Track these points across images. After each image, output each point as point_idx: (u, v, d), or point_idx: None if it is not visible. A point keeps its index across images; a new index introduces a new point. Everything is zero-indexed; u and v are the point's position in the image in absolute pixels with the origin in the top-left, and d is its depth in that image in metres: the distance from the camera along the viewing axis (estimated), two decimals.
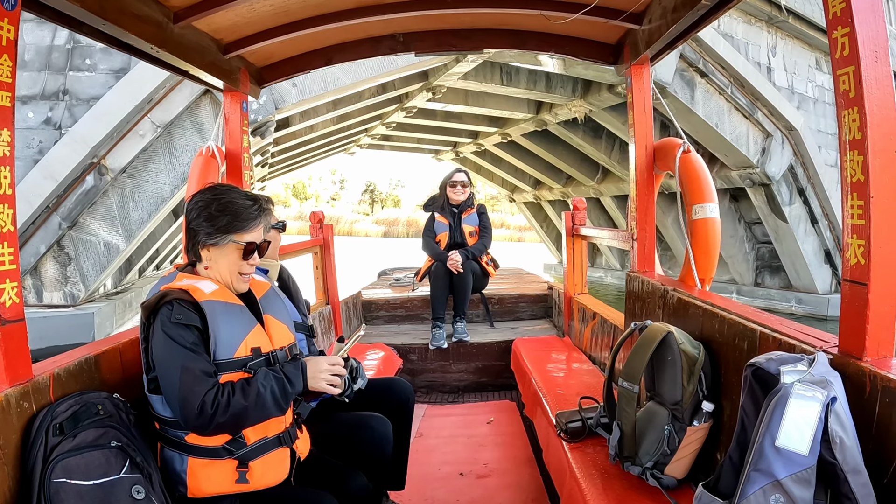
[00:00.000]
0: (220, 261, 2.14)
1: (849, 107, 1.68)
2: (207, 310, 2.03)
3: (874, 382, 1.60)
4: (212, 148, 3.79)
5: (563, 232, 5.45)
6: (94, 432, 1.84)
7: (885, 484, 1.54)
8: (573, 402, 3.21)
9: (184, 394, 1.91)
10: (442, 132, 22.72)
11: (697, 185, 3.39)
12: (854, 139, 1.67)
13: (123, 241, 10.75)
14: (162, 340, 1.96)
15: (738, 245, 17.40)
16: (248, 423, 2.02)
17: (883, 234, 1.64)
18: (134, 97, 10.24)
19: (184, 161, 10.72)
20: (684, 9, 2.76)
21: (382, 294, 6.70)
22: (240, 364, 2.07)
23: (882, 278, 1.66)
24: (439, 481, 3.73)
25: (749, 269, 17.67)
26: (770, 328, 2.09)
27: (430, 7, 3.32)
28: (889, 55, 1.68)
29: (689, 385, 2.33)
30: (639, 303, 3.41)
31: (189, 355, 1.95)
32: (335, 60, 4.00)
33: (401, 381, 3.28)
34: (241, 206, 2.14)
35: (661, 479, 2.36)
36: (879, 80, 1.65)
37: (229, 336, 2.06)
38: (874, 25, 1.66)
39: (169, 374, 1.94)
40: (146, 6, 2.71)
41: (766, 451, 1.58)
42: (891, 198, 1.65)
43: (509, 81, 15.39)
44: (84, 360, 2.07)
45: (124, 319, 12.45)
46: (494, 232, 7.40)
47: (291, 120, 13.62)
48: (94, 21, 2.39)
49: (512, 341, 5.35)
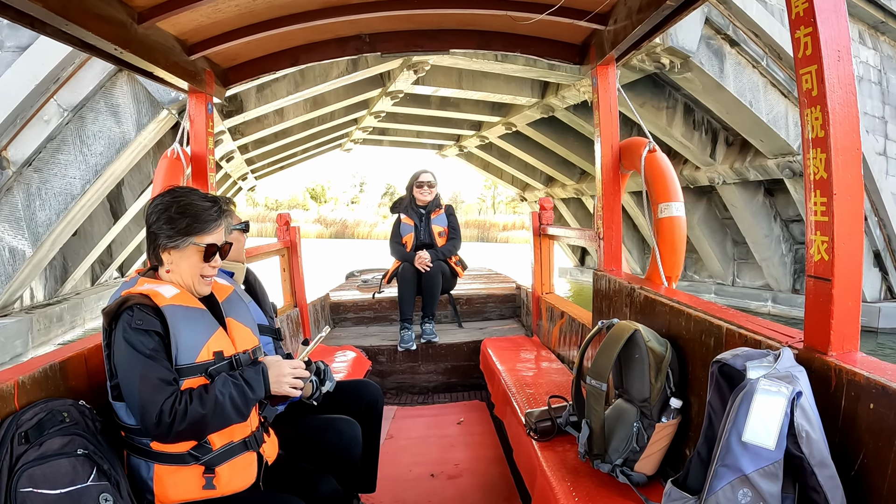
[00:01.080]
0: (181, 263, 2.12)
1: (811, 105, 1.70)
2: (168, 314, 2.01)
3: (839, 376, 1.62)
4: (177, 150, 3.74)
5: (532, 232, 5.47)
6: (61, 440, 1.80)
7: (853, 476, 1.57)
8: (542, 400, 3.23)
9: (143, 402, 1.89)
10: (441, 123, 19.96)
11: (663, 184, 3.42)
12: (817, 137, 1.70)
13: (30, 245, 9.36)
14: (122, 347, 1.94)
15: (774, 246, 15.08)
16: (210, 430, 2.00)
17: (846, 230, 1.67)
18: (35, 76, 8.68)
19: (96, 150, 9.36)
20: (649, 9, 2.79)
21: (350, 296, 6.66)
22: (202, 369, 2.05)
23: (845, 274, 1.68)
24: (410, 482, 3.72)
25: (786, 273, 15.26)
26: (736, 324, 2.12)
27: (396, 7, 3.31)
28: (851, 55, 1.71)
29: (657, 382, 2.35)
30: (606, 301, 3.43)
31: (148, 363, 1.92)
32: (301, 61, 3.97)
33: (369, 383, 3.27)
34: (200, 208, 2.12)
35: (631, 475, 2.38)
36: (842, 79, 1.68)
37: (190, 341, 2.04)
38: (837, 25, 1.68)
39: (129, 382, 1.93)
40: (110, 6, 2.66)
41: (732, 446, 1.59)
42: (853, 195, 1.68)
43: (504, 58, 13.04)
44: (49, 367, 2.03)
45: (50, 335, 11.32)
46: (520, 234, 7.25)
47: (246, 103, 12.05)
48: (56, 21, 2.35)
49: (481, 341, 5.36)
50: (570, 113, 15.57)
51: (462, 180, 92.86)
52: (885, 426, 1.48)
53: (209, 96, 3.79)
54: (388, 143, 23.28)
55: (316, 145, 20.62)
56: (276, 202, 75.01)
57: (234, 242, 2.78)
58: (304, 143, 19.14)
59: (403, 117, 19.16)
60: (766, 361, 1.69)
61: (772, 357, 1.70)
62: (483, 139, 20.48)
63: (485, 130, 19.64)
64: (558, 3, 3.12)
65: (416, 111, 17.71)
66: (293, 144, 18.81)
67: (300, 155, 21.20)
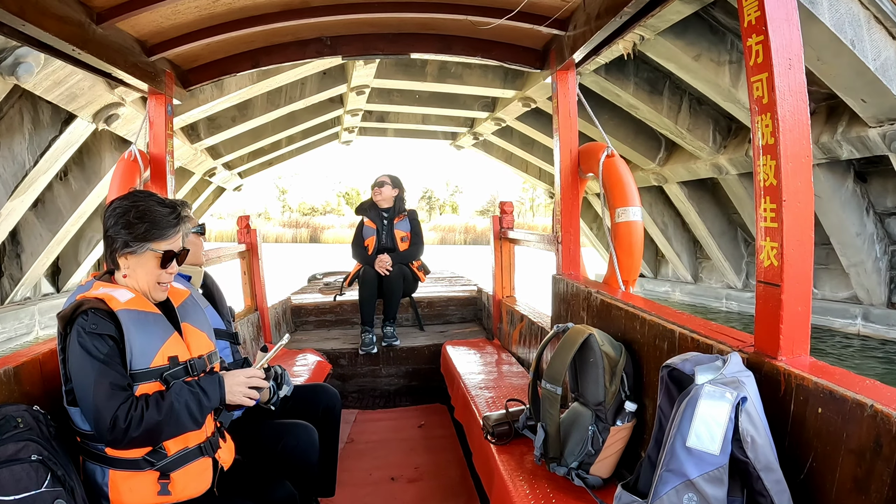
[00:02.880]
0: (138, 269, 2.09)
1: (762, 112, 1.73)
2: (123, 319, 1.98)
3: (788, 381, 1.65)
4: (134, 152, 3.68)
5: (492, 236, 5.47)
6: (14, 446, 1.76)
7: (802, 479, 1.59)
8: (502, 404, 3.23)
9: (97, 407, 1.87)
10: (446, 102, 15.47)
11: (620, 189, 3.45)
12: (767, 144, 1.72)
13: None
14: (77, 352, 1.92)
15: (867, 248, 10.97)
16: (164, 438, 1.98)
17: (795, 236, 1.70)
18: None
19: None
20: (608, 15, 2.82)
21: (312, 299, 6.61)
22: (157, 374, 2.02)
23: (794, 279, 1.71)
24: (370, 486, 3.70)
25: (880, 282, 11.22)
26: (689, 329, 2.14)
27: (357, 11, 3.30)
28: (803, 63, 1.73)
29: (612, 386, 2.37)
30: (564, 305, 3.45)
31: (102, 368, 1.90)
32: (262, 63, 3.95)
33: (326, 388, 3.25)
34: (159, 214, 2.09)
35: (587, 478, 2.39)
36: (792, 87, 1.71)
37: (145, 345, 2.02)
38: (788, 34, 1.71)
39: (83, 387, 1.91)
40: (67, 7, 2.63)
41: (677, 451, 1.61)
42: (802, 201, 1.71)
43: None
44: (2, 372, 1.98)
45: None
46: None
47: (201, 95, 10.24)
48: (12, 21, 2.32)
49: (442, 344, 5.35)
50: (601, 79, 11.01)
51: (501, 181, 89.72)
52: (832, 430, 1.50)
53: (169, 98, 3.74)
54: (393, 134, 19.50)
55: (302, 137, 17.44)
56: (311, 208, 73.29)
57: (192, 246, 2.75)
58: (281, 136, 16.16)
59: (398, 96, 15.46)
60: (715, 366, 1.71)
61: (721, 362, 1.72)
62: (499, 122, 16.41)
63: (499, 110, 15.48)
64: (518, 7, 3.14)
65: (409, 85, 13.74)
66: (270, 138, 15.79)
67: (285, 148, 17.89)
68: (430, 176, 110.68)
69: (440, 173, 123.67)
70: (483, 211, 71.94)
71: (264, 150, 16.82)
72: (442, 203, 78.77)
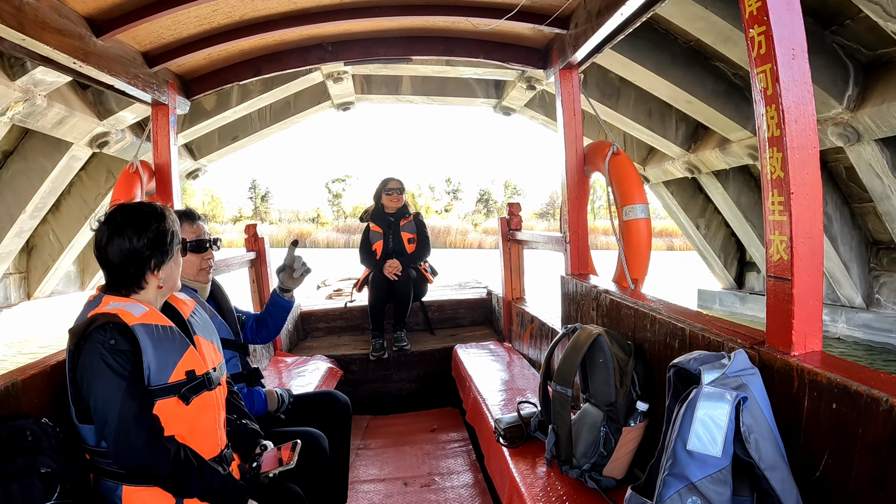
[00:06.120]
0: (176, 270, 2.14)
1: (767, 104, 1.70)
2: (139, 334, 1.94)
3: (801, 376, 1.61)
4: (136, 164, 3.68)
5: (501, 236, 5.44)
6: (23, 459, 1.76)
7: (818, 477, 1.56)
8: (514, 406, 3.21)
9: (125, 430, 1.84)
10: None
11: (627, 186, 3.42)
12: (773, 136, 1.69)
13: None
14: (98, 369, 1.87)
15: None
16: (171, 490, 1.95)
17: (804, 228, 1.67)
18: None
19: None
20: (609, 12, 2.79)
21: (321, 305, 6.60)
22: (175, 389, 1.98)
23: (805, 272, 1.68)
24: (383, 492, 3.68)
25: None
26: (700, 326, 2.11)
27: (357, 16, 3.29)
28: (806, 52, 1.70)
29: (622, 386, 2.34)
30: (574, 305, 3.43)
31: (128, 387, 1.87)
32: (264, 71, 3.95)
33: (336, 394, 3.24)
34: (176, 218, 2.18)
35: (600, 480, 2.36)
36: (796, 77, 1.68)
37: (163, 360, 1.97)
38: (790, 24, 1.69)
39: (107, 406, 1.86)
40: (67, 20, 2.64)
41: (678, 455, 1.58)
42: (810, 193, 1.67)
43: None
44: (11, 385, 1.96)
45: None
46: None
47: None
48: (12, 36, 2.32)
49: (452, 348, 5.33)
50: None
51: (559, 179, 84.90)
52: (847, 426, 1.47)
53: (172, 108, 3.75)
54: (408, 93, 12.93)
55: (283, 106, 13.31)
56: (294, 214, 67.20)
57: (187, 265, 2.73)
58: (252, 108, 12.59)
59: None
60: (720, 364, 1.68)
61: (727, 359, 1.69)
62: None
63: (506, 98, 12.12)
64: (517, 7, 3.12)
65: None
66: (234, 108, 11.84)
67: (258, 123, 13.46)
68: (487, 178, 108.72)
69: (498, 175, 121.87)
70: (541, 213, 68.14)
71: (233, 126, 13.30)
72: (500, 205, 73.18)
